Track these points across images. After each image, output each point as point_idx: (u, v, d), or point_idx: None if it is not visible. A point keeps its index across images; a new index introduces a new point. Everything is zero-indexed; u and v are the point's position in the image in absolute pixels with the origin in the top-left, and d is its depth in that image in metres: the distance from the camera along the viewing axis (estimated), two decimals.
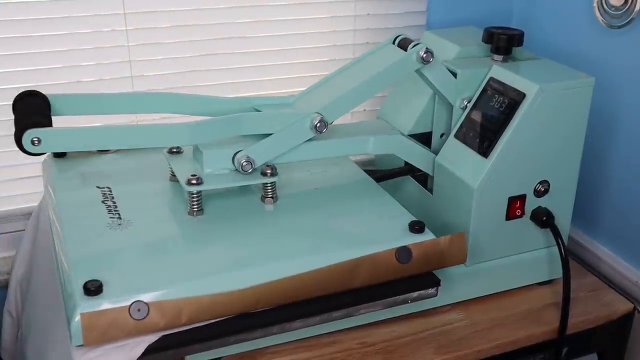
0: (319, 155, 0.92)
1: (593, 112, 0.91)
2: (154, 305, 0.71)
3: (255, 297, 0.75)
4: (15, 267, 1.04)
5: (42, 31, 1.05)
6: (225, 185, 0.86)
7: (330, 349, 0.86)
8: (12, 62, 1.05)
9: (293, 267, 0.77)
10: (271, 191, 0.89)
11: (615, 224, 1.11)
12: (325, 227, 0.87)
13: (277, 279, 0.76)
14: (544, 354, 0.94)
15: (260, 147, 0.85)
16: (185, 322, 0.72)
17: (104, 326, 0.69)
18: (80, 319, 0.68)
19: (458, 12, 1.26)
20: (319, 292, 0.78)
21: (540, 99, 0.86)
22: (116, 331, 0.69)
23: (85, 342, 0.68)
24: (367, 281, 0.80)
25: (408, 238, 0.83)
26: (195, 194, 0.85)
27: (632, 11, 1.00)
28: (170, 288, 0.72)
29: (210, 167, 0.85)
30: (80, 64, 1.09)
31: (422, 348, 0.87)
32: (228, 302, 0.74)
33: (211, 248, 0.82)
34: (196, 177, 0.83)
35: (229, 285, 0.74)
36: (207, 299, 0.73)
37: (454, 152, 0.92)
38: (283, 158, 0.88)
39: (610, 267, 1.11)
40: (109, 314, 0.69)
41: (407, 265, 0.82)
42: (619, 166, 1.09)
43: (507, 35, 0.94)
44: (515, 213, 0.91)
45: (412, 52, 0.89)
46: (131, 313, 0.70)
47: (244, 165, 0.84)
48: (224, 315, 0.75)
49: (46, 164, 0.98)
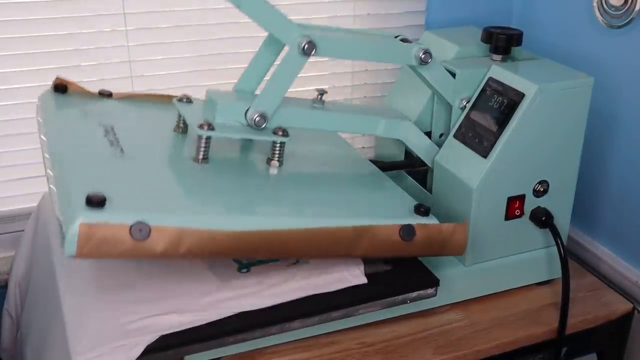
0: (330, 127, 0.91)
1: (592, 112, 0.91)
2: (156, 229, 0.68)
3: (255, 243, 0.73)
4: (15, 267, 1.05)
5: (42, 31, 1.05)
6: (236, 135, 0.84)
7: (329, 349, 0.86)
8: (12, 62, 1.05)
9: (296, 222, 0.76)
10: (279, 153, 0.86)
11: (615, 224, 1.11)
12: (330, 197, 0.86)
13: (280, 229, 0.74)
14: (544, 353, 0.94)
15: (264, 95, 0.84)
16: (182, 253, 0.70)
17: (101, 240, 0.65)
18: (79, 227, 0.64)
19: (457, 12, 1.26)
20: (318, 253, 0.77)
21: (540, 99, 0.86)
22: (112, 248, 0.66)
23: (79, 252, 0.65)
24: (366, 252, 0.80)
25: (413, 218, 0.83)
26: (205, 140, 0.82)
27: (632, 11, 1.00)
28: (174, 215, 0.70)
29: (222, 119, 0.83)
30: (81, 64, 1.09)
31: (421, 348, 0.87)
32: (228, 242, 0.72)
33: (215, 191, 0.80)
34: (208, 123, 0.81)
35: (232, 226, 0.72)
36: (208, 234, 0.70)
37: (453, 152, 0.92)
38: (295, 122, 0.86)
39: (610, 267, 1.11)
40: (109, 229, 0.66)
41: (409, 244, 0.81)
42: (618, 166, 1.09)
43: (506, 35, 0.94)
44: (515, 213, 0.91)
45: (411, 46, 0.89)
46: (132, 232, 0.66)
47: (257, 120, 0.83)
48: (222, 254, 0.73)
49: (44, 98, 0.94)
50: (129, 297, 0.81)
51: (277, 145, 0.86)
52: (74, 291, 0.82)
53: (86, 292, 0.82)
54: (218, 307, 0.79)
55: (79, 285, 0.83)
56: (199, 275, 0.85)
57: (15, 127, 1.08)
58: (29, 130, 1.09)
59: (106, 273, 0.85)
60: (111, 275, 0.85)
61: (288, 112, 0.87)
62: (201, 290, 0.81)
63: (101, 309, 0.79)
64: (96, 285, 0.83)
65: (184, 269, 0.86)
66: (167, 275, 0.85)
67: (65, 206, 0.68)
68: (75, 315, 0.78)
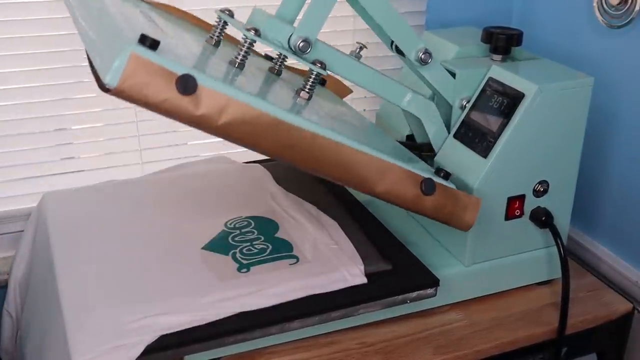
0: (361, 81, 0.89)
1: (593, 112, 0.91)
2: (204, 88, 0.64)
3: (293, 139, 0.71)
4: (15, 267, 1.05)
5: (42, 31, 1.05)
6: (280, 49, 0.81)
7: (329, 349, 0.86)
8: (12, 62, 1.05)
9: (334, 136, 0.74)
10: (311, 85, 0.83)
11: (615, 224, 1.11)
12: (361, 134, 0.85)
13: (320, 134, 0.73)
14: (544, 354, 0.94)
15: (307, 20, 0.81)
16: (219, 124, 0.66)
17: (146, 80, 0.61)
18: (130, 56, 0.60)
19: (457, 12, 1.26)
20: (344, 173, 0.76)
21: (539, 99, 0.86)
22: (153, 93, 0.62)
23: (120, 83, 0.60)
24: (386, 192, 0.79)
25: (434, 178, 0.83)
26: (247, 45, 0.78)
27: (632, 11, 1.00)
28: (225, 83, 0.67)
29: (269, 32, 0.81)
30: (81, 64, 1.09)
31: (421, 348, 0.87)
32: (267, 128, 0.69)
33: (256, 87, 0.77)
34: (256, 29, 0.77)
35: (277, 115, 0.70)
36: (253, 112, 0.68)
37: (453, 152, 0.92)
38: (331, 62, 0.84)
39: (610, 267, 1.11)
40: (157, 70, 0.61)
41: (425, 199, 0.81)
42: (618, 166, 1.09)
43: (506, 35, 0.94)
44: (515, 213, 0.91)
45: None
46: (179, 83, 0.63)
47: (301, 46, 0.81)
48: (256, 140, 0.70)
49: None
50: (129, 297, 0.81)
51: (312, 75, 0.83)
52: (74, 291, 0.82)
53: (86, 292, 0.82)
54: (218, 307, 0.79)
55: (79, 285, 0.83)
56: (198, 275, 0.85)
57: (15, 127, 1.08)
58: (29, 130, 1.10)
59: (106, 273, 0.85)
60: (111, 275, 0.85)
61: (327, 51, 0.85)
62: (201, 290, 0.81)
63: (101, 309, 0.79)
64: (96, 285, 0.83)
65: (184, 269, 0.86)
66: (167, 275, 0.85)
67: (113, 43, 0.64)
68: (75, 315, 0.78)
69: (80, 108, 1.13)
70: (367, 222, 0.98)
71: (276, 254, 0.89)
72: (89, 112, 1.14)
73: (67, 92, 1.11)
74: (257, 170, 1.12)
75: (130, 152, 1.18)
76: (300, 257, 0.89)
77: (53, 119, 1.11)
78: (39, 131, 1.11)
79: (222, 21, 0.86)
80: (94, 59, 0.65)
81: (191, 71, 0.63)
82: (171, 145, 1.21)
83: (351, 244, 0.91)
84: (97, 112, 1.15)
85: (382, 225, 0.98)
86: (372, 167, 0.77)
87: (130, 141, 1.17)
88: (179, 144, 1.22)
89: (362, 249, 0.89)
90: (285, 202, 1.01)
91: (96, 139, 1.16)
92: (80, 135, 1.15)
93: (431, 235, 0.99)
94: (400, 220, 1.02)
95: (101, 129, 1.16)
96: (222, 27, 0.87)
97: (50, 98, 1.10)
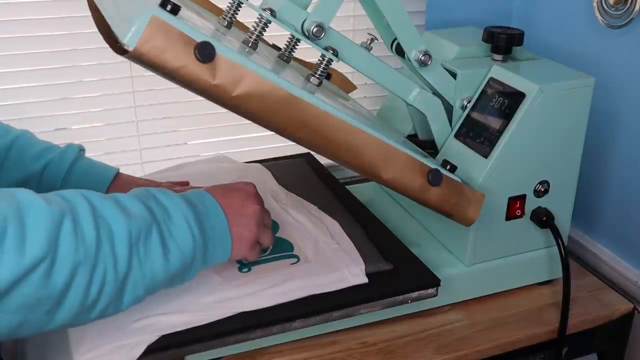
0: (369, 72, 0.88)
1: (593, 112, 0.91)
2: (221, 57, 0.65)
3: (309, 115, 0.72)
4: None
5: (42, 31, 1.05)
6: (291, 30, 0.81)
7: (330, 349, 0.86)
8: (12, 62, 1.05)
9: (347, 118, 0.75)
10: (322, 71, 0.82)
11: (615, 224, 1.11)
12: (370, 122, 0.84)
13: (334, 115, 0.73)
14: (544, 354, 0.94)
15: (322, 5, 0.81)
16: (234, 95, 0.67)
17: (165, 44, 0.61)
18: (151, 19, 0.60)
19: (457, 12, 1.26)
20: (352, 157, 0.76)
21: (540, 99, 0.86)
22: (171, 58, 0.62)
23: (139, 45, 0.60)
24: (392, 179, 0.79)
25: (441, 169, 0.83)
26: (262, 24, 0.78)
27: (632, 11, 1.00)
28: (242, 55, 0.67)
29: (283, 14, 0.80)
30: (81, 64, 1.09)
31: (422, 348, 0.87)
32: (282, 102, 0.70)
33: (275, 65, 0.77)
34: (271, 9, 0.78)
35: (293, 92, 0.70)
36: (269, 87, 0.68)
37: (454, 152, 0.92)
38: (341, 50, 0.83)
39: (610, 267, 1.11)
40: (176, 35, 0.62)
41: (431, 190, 0.81)
42: (619, 166, 1.09)
43: (507, 35, 0.94)
44: (515, 213, 0.91)
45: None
46: (198, 50, 0.63)
47: (315, 31, 0.80)
48: (269, 115, 0.70)
49: None
50: None
51: (323, 61, 0.82)
52: None
53: None
54: (219, 307, 0.79)
55: None
56: (199, 275, 0.84)
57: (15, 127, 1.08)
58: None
59: None
60: None
61: (340, 39, 0.84)
62: (202, 290, 0.81)
63: None
64: None
65: None
66: None
67: (134, 5, 0.64)
68: None
69: (80, 108, 1.13)
70: (368, 221, 0.98)
71: (277, 253, 0.89)
72: (89, 112, 1.14)
73: (67, 92, 1.11)
74: (257, 170, 1.11)
75: (130, 152, 1.18)
76: (301, 256, 0.89)
77: (53, 119, 1.11)
78: (39, 131, 1.10)
79: (236, 2, 0.86)
80: (112, 20, 0.65)
81: (211, 39, 0.64)
82: (171, 145, 1.21)
83: (352, 243, 0.90)
84: (97, 112, 1.15)
85: (383, 225, 0.98)
86: (381, 152, 0.78)
87: (130, 141, 1.17)
88: (179, 143, 1.22)
89: (363, 249, 0.89)
90: (286, 201, 1.01)
91: (96, 139, 1.16)
92: (80, 135, 1.15)
93: (432, 235, 0.99)
94: (401, 220, 1.02)
95: (101, 129, 1.16)
96: (236, 8, 0.87)
97: (50, 98, 1.10)
